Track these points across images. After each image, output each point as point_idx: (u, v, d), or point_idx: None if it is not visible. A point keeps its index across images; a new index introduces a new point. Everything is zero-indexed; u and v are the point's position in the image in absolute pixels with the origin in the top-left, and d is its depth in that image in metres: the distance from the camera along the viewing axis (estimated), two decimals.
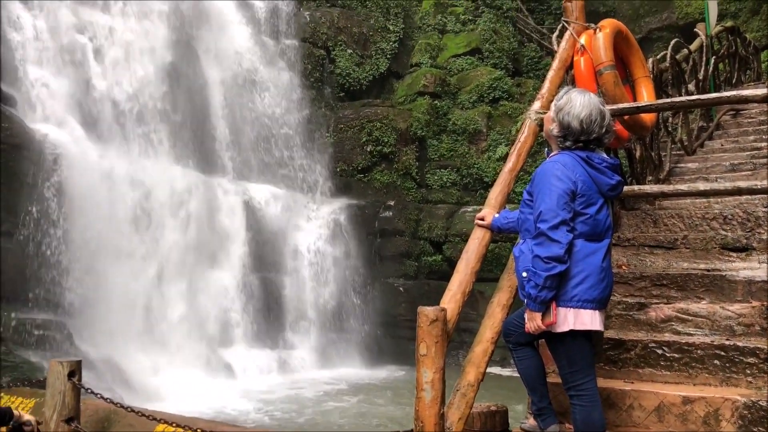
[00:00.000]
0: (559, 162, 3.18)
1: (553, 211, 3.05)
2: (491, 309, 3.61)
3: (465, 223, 16.54)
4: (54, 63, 13.61)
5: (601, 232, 3.19)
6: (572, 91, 3.31)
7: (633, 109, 4.31)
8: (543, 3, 23.10)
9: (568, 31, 4.87)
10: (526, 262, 3.17)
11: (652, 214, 5.17)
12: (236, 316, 14.29)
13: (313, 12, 19.33)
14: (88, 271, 11.94)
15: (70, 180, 12.12)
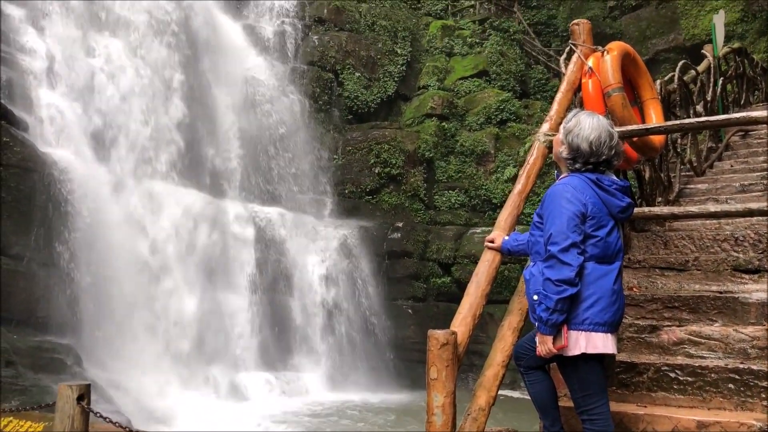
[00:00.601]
0: (569, 184, 3.18)
1: (563, 233, 3.05)
2: (502, 332, 3.59)
3: (474, 244, 16.51)
4: (66, 87, 13.77)
5: (611, 254, 3.19)
6: (581, 114, 3.32)
7: (642, 131, 4.31)
8: (550, 26, 23.24)
9: (576, 53, 4.90)
10: (537, 284, 3.16)
11: (662, 236, 5.14)
12: (245, 338, 14.25)
13: (322, 36, 19.51)
14: (97, 293, 11.97)
15: (80, 203, 12.20)
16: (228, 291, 14.39)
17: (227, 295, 14.34)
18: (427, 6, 22.75)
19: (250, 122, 17.07)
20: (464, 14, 22.96)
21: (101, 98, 14.20)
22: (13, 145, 11.61)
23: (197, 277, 13.81)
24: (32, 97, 13.08)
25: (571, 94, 4.73)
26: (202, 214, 14.35)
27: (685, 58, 12.58)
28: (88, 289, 11.90)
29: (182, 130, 15.18)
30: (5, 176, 11.40)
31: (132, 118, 14.43)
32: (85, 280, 11.90)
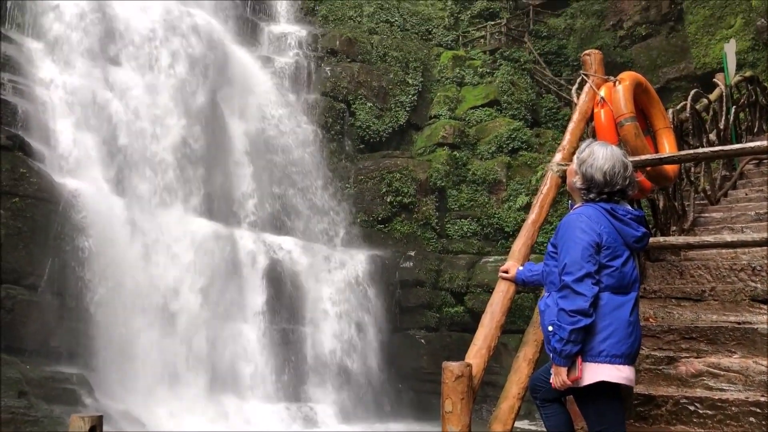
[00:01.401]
0: (583, 214, 3.16)
1: (577, 263, 3.02)
2: (517, 364, 3.55)
3: (486, 273, 16.43)
4: (82, 119, 13.95)
5: (627, 284, 3.15)
6: (594, 144, 3.32)
7: (656, 161, 4.30)
8: (560, 55, 23.38)
9: (588, 83, 4.91)
10: (552, 315, 3.13)
11: (678, 265, 5.09)
12: (257, 368, 14.18)
13: (334, 67, 19.73)
14: (109, 323, 11.99)
15: (95, 233, 12.29)
16: (240, 321, 14.36)
17: (239, 325, 14.31)
18: (438, 37, 22.99)
19: (263, 152, 17.20)
20: (475, 45, 23.17)
21: (117, 129, 14.37)
22: (30, 176, 11.77)
23: (209, 307, 13.80)
24: (49, 129, 13.27)
25: (583, 123, 4.73)
26: (215, 244, 14.40)
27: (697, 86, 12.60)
28: (101, 319, 11.93)
29: (196, 160, 15.31)
30: (21, 206, 11.53)
31: (147, 148, 14.58)
32: (98, 310, 11.94)
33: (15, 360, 10.73)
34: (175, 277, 13.55)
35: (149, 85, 15.34)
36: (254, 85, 18.11)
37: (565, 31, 23.58)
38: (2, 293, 10.94)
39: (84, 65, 14.59)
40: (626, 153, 3.44)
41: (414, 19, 22.89)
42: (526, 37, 23.27)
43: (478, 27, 23.52)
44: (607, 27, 22.65)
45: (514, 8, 24.92)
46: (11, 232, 11.30)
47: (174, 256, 13.64)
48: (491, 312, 3.58)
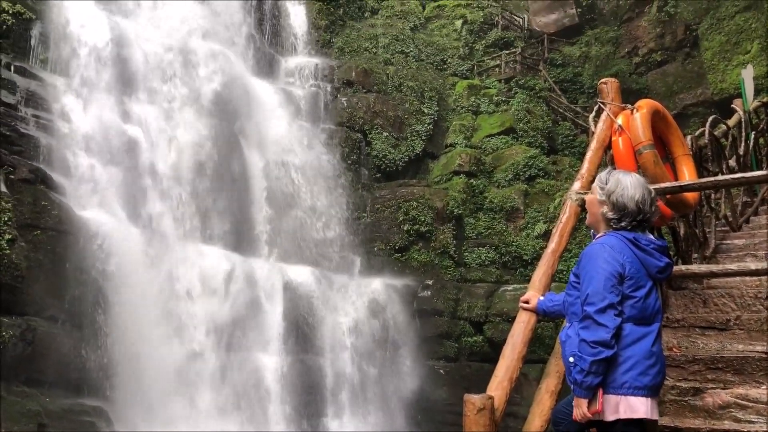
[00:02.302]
0: (606, 244, 3.14)
1: (600, 294, 3.00)
2: (539, 396, 3.50)
3: (505, 302, 16.30)
4: (102, 152, 14.16)
5: (650, 315, 3.12)
6: (617, 173, 3.30)
7: (676, 189, 4.27)
8: (575, 83, 23.44)
9: (605, 111, 4.91)
10: (573, 346, 3.10)
11: (701, 294, 5.02)
12: (274, 397, 14.10)
13: (350, 98, 19.90)
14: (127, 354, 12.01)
15: (113, 265, 12.38)
16: (258, 350, 14.33)
17: (257, 355, 14.27)
18: (453, 67, 23.17)
19: (280, 182, 17.31)
20: (490, 74, 23.30)
21: (135, 161, 14.56)
22: (51, 208, 11.92)
23: (228, 337, 13.80)
24: (69, 161, 13.47)
25: (601, 152, 4.72)
26: (232, 274, 14.44)
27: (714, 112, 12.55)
28: (119, 350, 11.95)
29: (214, 191, 15.45)
30: (42, 239, 11.67)
31: (165, 180, 14.74)
32: (116, 341, 11.97)
33: (35, 392, 10.76)
34: (192, 308, 13.58)
35: (168, 117, 15.57)
36: (271, 116, 18.29)
37: (580, 58, 23.68)
38: (23, 325, 11.01)
39: (104, 99, 14.84)
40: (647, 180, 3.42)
41: (429, 49, 23.10)
42: (541, 66, 23.38)
43: (492, 56, 23.67)
44: (622, 54, 22.73)
45: (528, 37, 25.09)
46: (32, 265, 11.42)
47: (191, 286, 13.70)
48: (512, 343, 3.54)
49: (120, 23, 16.11)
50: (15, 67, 13.86)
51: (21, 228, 11.42)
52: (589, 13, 24.66)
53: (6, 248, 10.99)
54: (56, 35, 14.94)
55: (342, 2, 22.42)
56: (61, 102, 14.17)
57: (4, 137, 12.32)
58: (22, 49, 14.52)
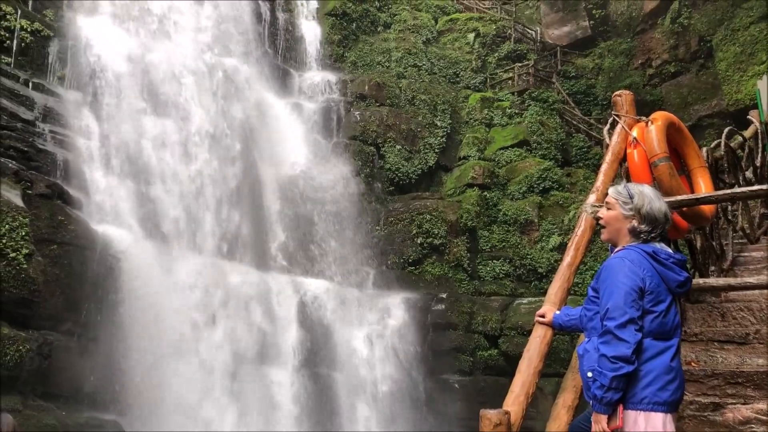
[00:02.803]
0: (626, 258, 3.12)
1: (620, 308, 2.97)
2: (556, 411, 3.47)
3: (520, 315, 16.20)
4: (118, 167, 14.30)
5: (669, 330, 3.09)
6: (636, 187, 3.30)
7: (692, 201, 4.24)
8: (589, 95, 23.39)
9: (620, 124, 4.89)
10: (592, 361, 3.07)
11: (718, 307, 4.96)
12: (287, 412, 14.07)
13: (363, 111, 19.98)
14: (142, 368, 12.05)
15: (129, 279, 12.46)
16: (272, 365, 14.32)
17: (271, 370, 14.26)
18: (466, 80, 23.21)
19: (294, 195, 17.37)
20: (503, 86, 23.32)
21: (151, 176, 14.68)
22: (68, 223, 12.03)
23: (242, 351, 13.81)
24: (86, 176, 13.61)
25: (616, 164, 4.71)
26: (247, 288, 14.48)
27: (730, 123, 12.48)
28: (134, 364, 12.00)
29: (229, 205, 15.53)
30: (59, 253, 11.77)
31: (180, 194, 14.84)
32: (131, 355, 12.02)
33: (51, 406, 10.82)
34: (208, 322, 13.61)
35: (183, 132, 15.70)
36: (285, 130, 18.41)
37: (593, 70, 23.64)
38: (40, 339, 11.09)
39: (121, 114, 15.01)
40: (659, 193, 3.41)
41: (441, 62, 23.17)
42: (554, 78, 23.36)
43: (505, 69, 23.69)
44: (635, 66, 22.67)
45: (541, 50, 25.10)
46: (49, 279, 11.51)
47: (207, 300, 13.74)
48: (528, 358, 3.52)
49: (136, 39, 16.31)
50: (33, 83, 14.07)
51: (38, 242, 11.53)
52: (602, 26, 24.64)
53: (23, 263, 11.10)
54: (73, 52, 15.15)
55: (355, 17, 22.56)
56: (78, 118, 14.34)
57: (22, 153, 12.47)
58: (40, 66, 14.74)
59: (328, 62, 21.66)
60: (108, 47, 15.52)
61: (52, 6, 15.70)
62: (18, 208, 11.38)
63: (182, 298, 13.23)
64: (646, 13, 22.88)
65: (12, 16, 14.44)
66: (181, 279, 13.47)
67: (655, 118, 4.74)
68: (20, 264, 11.05)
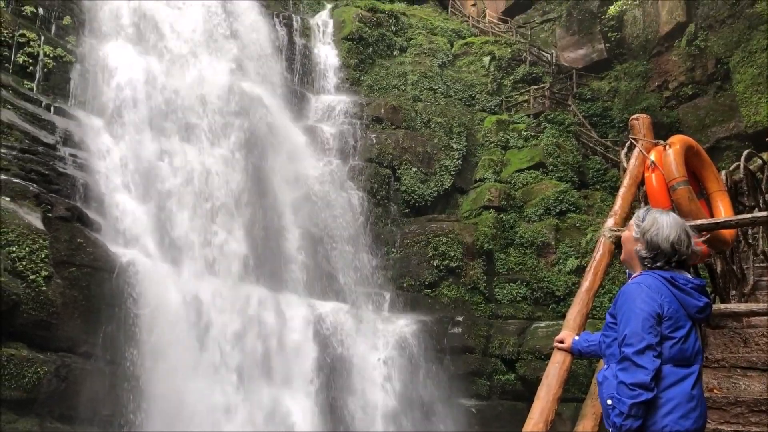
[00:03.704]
0: (643, 284, 3.08)
1: (638, 335, 2.93)
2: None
3: (538, 339, 16.05)
4: (136, 189, 14.45)
5: (690, 356, 3.03)
6: (655, 212, 3.25)
7: (713, 225, 4.20)
8: (605, 117, 23.35)
9: (637, 147, 4.88)
10: (611, 388, 3.02)
11: (741, 333, 4.89)
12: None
13: (379, 134, 20.08)
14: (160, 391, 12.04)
15: (146, 301, 12.51)
16: (286, 388, 14.26)
17: (286, 392, 14.20)
18: (482, 102, 23.28)
19: (310, 218, 17.42)
20: (518, 109, 23.35)
21: (168, 198, 14.80)
22: (86, 245, 12.14)
23: (258, 374, 13.77)
24: (105, 199, 13.75)
25: (634, 188, 4.68)
26: (262, 309, 14.48)
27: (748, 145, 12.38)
28: (152, 387, 12.00)
29: (245, 227, 15.60)
30: (78, 276, 11.86)
31: (196, 216, 14.94)
32: (149, 377, 12.03)
33: (68, 429, 10.85)
34: (224, 344, 13.61)
35: (201, 155, 15.84)
36: (302, 152, 18.52)
37: (610, 93, 23.62)
38: (57, 362, 11.15)
39: (140, 138, 15.19)
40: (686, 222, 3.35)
41: (457, 85, 23.28)
42: (570, 100, 23.36)
43: (521, 92, 23.74)
44: (652, 88, 22.64)
45: (556, 72, 25.15)
46: (68, 301, 11.59)
47: (223, 322, 13.75)
48: (547, 384, 3.48)
49: (155, 64, 16.56)
50: (55, 108, 14.31)
51: (57, 265, 11.64)
52: (617, 48, 24.68)
53: (42, 285, 11.19)
54: (94, 77, 15.41)
55: (371, 41, 22.78)
56: (98, 141, 14.54)
57: (43, 176, 12.65)
58: (61, 91, 15.00)
59: (345, 86, 21.84)
60: (128, 72, 15.77)
61: (74, 32, 16.01)
62: (38, 231, 11.51)
63: (199, 320, 13.25)
64: (662, 36, 22.89)
65: (35, 42, 14.73)
66: (198, 300, 13.50)
67: (673, 142, 4.72)
68: (39, 286, 11.15)
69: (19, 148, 12.59)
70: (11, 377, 10.49)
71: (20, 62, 14.48)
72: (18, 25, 14.71)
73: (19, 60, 14.46)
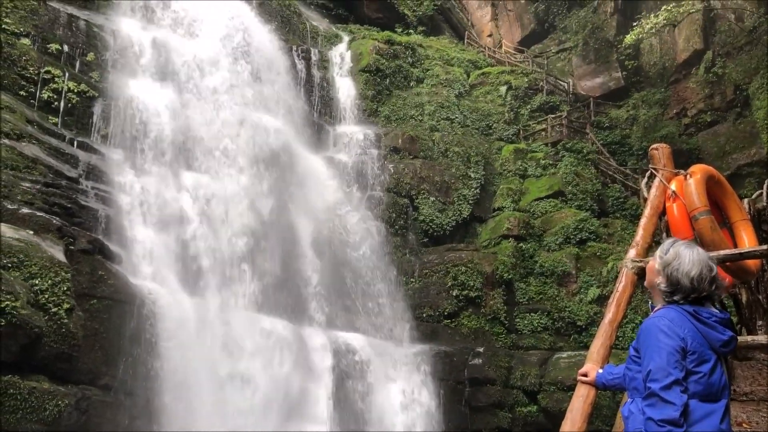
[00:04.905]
0: (665, 317, 3.03)
1: (663, 369, 2.88)
2: None
3: (560, 370, 15.82)
4: (157, 221, 14.57)
5: (716, 391, 2.97)
6: (679, 245, 3.18)
7: (736, 256, 4.15)
8: (624, 145, 23.26)
9: (658, 177, 4.85)
10: (637, 423, 2.97)
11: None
12: None
13: (397, 164, 20.16)
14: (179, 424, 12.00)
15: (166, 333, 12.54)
16: (308, 420, 14.15)
17: (307, 425, 14.08)
18: (499, 131, 23.32)
19: (329, 248, 17.44)
20: (536, 137, 23.36)
21: (188, 230, 14.91)
22: (107, 278, 12.24)
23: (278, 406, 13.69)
24: (126, 231, 13.89)
25: (655, 218, 4.64)
26: (283, 342, 14.44)
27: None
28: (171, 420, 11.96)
29: (265, 259, 15.64)
30: (99, 308, 11.95)
31: (217, 248, 15.02)
32: (169, 410, 12.00)
33: None
34: (244, 376, 13.57)
35: (221, 187, 15.98)
36: (320, 183, 18.63)
37: (628, 121, 23.57)
38: (78, 394, 11.17)
39: (161, 170, 15.39)
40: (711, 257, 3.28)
41: (474, 115, 23.36)
42: (588, 129, 23.33)
43: (538, 120, 23.77)
44: (670, 115, 22.57)
45: (574, 101, 25.18)
46: (88, 333, 11.66)
47: (243, 354, 13.73)
48: (571, 419, 3.43)
49: (177, 98, 16.83)
50: (78, 142, 14.57)
51: (78, 297, 11.73)
52: (634, 76, 24.69)
53: (64, 317, 11.27)
54: (117, 111, 15.69)
55: (388, 73, 22.99)
56: (120, 174, 14.74)
57: (66, 209, 12.82)
58: (84, 125, 15.28)
59: (362, 116, 22.01)
60: (149, 106, 16.04)
61: (97, 68, 16.36)
62: (60, 264, 11.63)
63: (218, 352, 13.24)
64: (680, 63, 22.88)
65: (60, 78, 15.07)
66: (217, 333, 13.51)
67: (694, 171, 4.69)
68: (61, 318, 11.23)
69: (43, 182, 12.80)
70: (32, 410, 10.51)
71: (45, 98, 14.80)
72: (44, 62, 15.06)
73: (44, 96, 14.79)
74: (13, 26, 15.22)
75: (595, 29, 25.48)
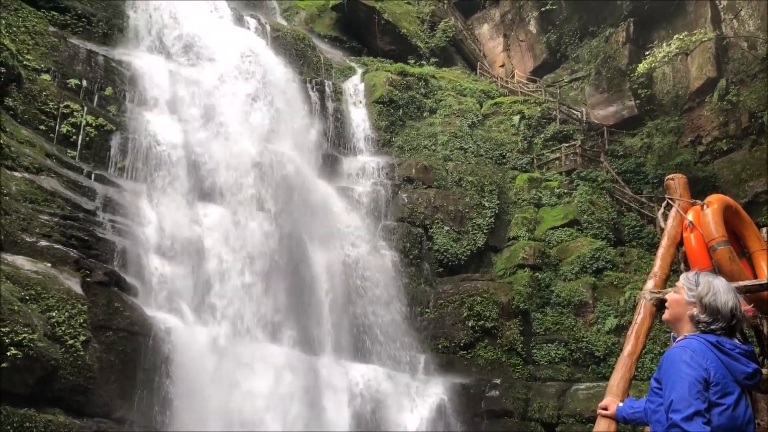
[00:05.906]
0: (687, 347, 2.99)
1: (685, 400, 2.83)
2: None
3: (578, 401, 15.57)
4: (173, 253, 14.65)
5: (741, 425, 2.91)
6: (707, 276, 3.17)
7: (756, 287, 4.10)
8: (639, 173, 23.15)
9: (674, 207, 4.82)
10: None
11: None
12: None
13: (411, 193, 20.20)
14: None
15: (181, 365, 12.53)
16: None
17: None
18: (513, 161, 23.33)
19: (343, 279, 17.41)
20: (550, 166, 23.33)
21: (205, 262, 14.97)
22: (123, 310, 12.29)
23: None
24: (143, 263, 13.96)
25: (673, 249, 4.60)
26: (297, 373, 14.37)
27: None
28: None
29: (280, 290, 15.64)
30: (114, 340, 11.98)
31: (232, 280, 15.05)
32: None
33: None
34: (259, 408, 13.49)
35: (236, 219, 16.08)
36: (335, 213, 18.67)
37: (642, 149, 23.49)
38: (93, 427, 11.15)
39: (177, 203, 15.52)
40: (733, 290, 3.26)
41: (487, 144, 23.40)
42: (602, 157, 23.28)
43: (552, 149, 23.75)
44: (685, 143, 22.48)
45: (587, 130, 25.16)
46: (104, 366, 11.67)
47: (258, 386, 13.66)
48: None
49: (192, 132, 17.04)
50: (95, 175, 14.75)
51: (94, 329, 11.77)
52: (648, 104, 24.67)
53: (80, 350, 11.30)
54: (134, 144, 15.90)
55: (401, 104, 23.17)
56: (137, 206, 14.88)
57: (83, 242, 12.93)
58: (101, 159, 15.49)
59: (376, 147, 22.14)
60: (166, 139, 16.25)
61: (115, 102, 16.63)
62: (77, 296, 11.70)
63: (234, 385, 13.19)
64: (693, 91, 22.86)
65: (79, 113, 15.33)
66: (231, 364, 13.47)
67: (711, 201, 4.65)
68: (77, 351, 11.26)
69: (61, 214, 12.94)
70: None
71: (64, 132, 15.05)
72: (63, 96, 15.34)
73: (63, 130, 15.04)
74: (34, 62, 15.55)
75: (608, 58, 25.57)
